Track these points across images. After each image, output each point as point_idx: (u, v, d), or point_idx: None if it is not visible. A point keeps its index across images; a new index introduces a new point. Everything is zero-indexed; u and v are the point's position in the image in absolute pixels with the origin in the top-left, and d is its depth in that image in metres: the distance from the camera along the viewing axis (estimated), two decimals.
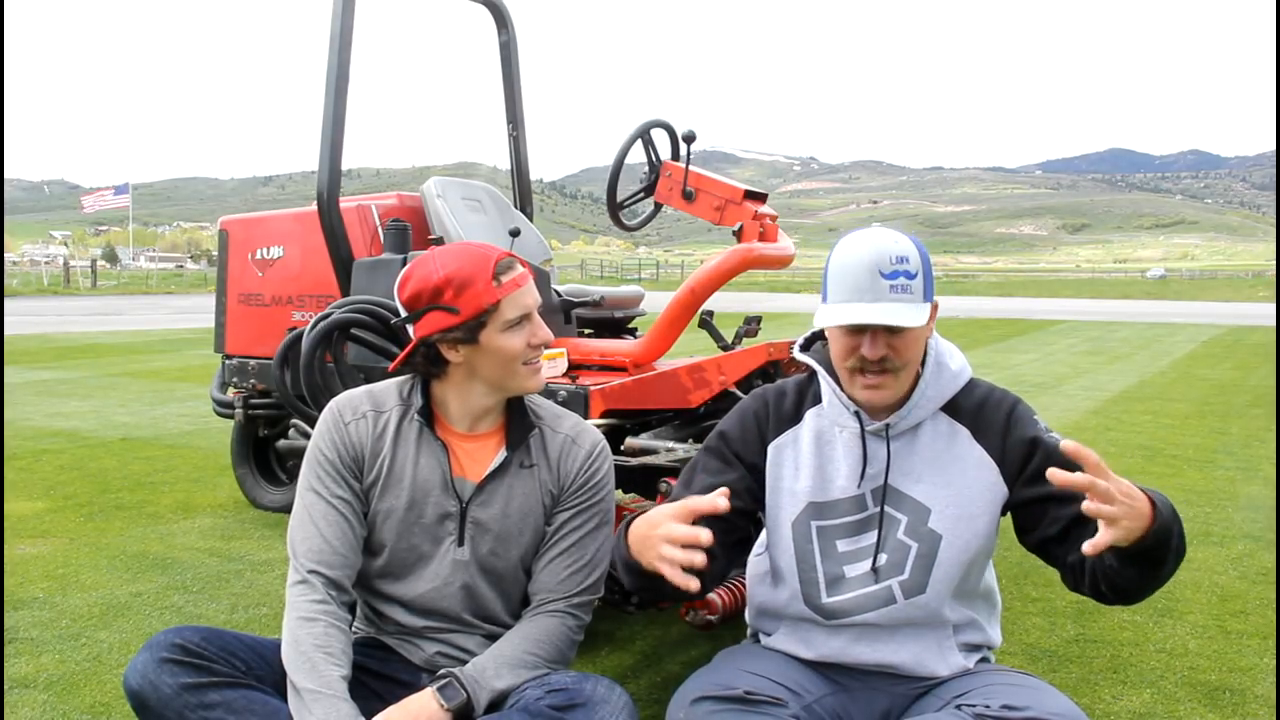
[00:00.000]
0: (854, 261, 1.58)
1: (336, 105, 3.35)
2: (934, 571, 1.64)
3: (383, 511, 1.73)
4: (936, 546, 1.64)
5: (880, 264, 1.56)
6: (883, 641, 1.68)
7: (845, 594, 1.67)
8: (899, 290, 1.56)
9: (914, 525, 1.65)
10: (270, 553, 3.84)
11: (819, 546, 1.69)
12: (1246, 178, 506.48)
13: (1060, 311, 26.89)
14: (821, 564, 1.68)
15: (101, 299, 31.09)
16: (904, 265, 1.57)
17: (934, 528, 1.64)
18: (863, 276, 1.56)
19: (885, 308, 1.55)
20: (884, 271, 1.56)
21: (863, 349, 1.59)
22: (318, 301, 3.69)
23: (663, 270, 66.03)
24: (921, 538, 1.65)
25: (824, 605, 1.68)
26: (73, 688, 2.56)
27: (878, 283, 1.56)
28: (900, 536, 1.66)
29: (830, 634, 1.70)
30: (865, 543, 1.68)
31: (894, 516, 1.67)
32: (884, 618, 1.66)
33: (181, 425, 6.99)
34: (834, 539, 1.69)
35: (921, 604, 1.65)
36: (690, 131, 3.25)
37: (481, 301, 1.65)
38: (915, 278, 1.58)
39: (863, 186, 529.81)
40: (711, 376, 2.90)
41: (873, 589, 1.66)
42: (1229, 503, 4.82)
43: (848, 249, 1.61)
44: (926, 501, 1.65)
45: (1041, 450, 1.63)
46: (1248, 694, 2.60)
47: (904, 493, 1.67)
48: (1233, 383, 10.12)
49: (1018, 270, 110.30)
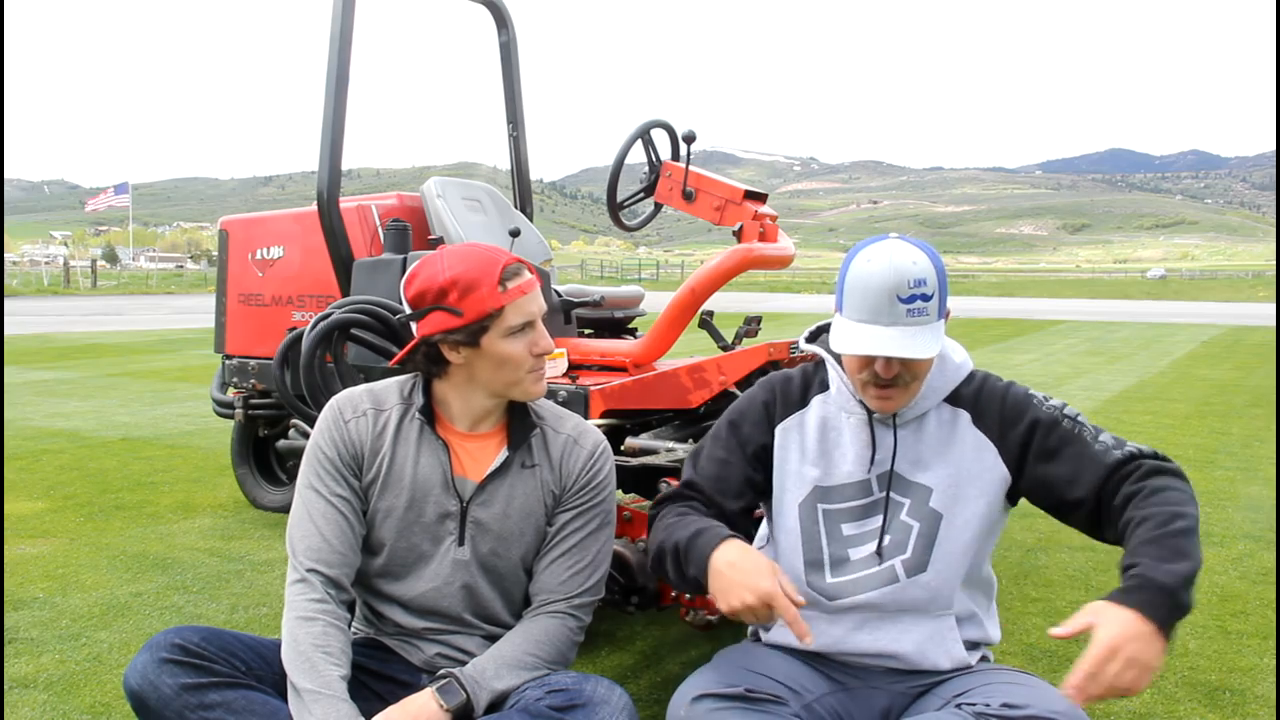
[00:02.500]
0: (872, 282, 1.58)
1: (336, 105, 3.35)
2: (935, 550, 1.67)
3: (382, 510, 1.73)
4: (937, 525, 1.67)
5: (899, 289, 1.57)
6: (884, 629, 1.69)
7: (849, 575, 1.70)
8: (916, 314, 1.58)
9: (916, 506, 1.69)
10: (270, 553, 3.84)
11: (824, 528, 1.71)
12: (1246, 178, 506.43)
13: (1060, 312, 26.89)
14: (827, 546, 1.71)
15: (101, 299, 31.10)
16: (921, 289, 1.58)
17: (934, 506, 1.68)
18: (881, 300, 1.57)
19: (902, 337, 1.57)
20: (901, 296, 1.57)
21: (877, 367, 1.62)
22: (318, 301, 3.69)
23: (663, 270, 66.04)
24: (923, 517, 1.68)
25: (827, 586, 1.70)
26: (73, 688, 2.56)
27: (895, 307, 1.57)
28: (904, 518, 1.69)
29: (831, 621, 1.71)
30: (870, 526, 1.70)
31: (898, 501, 1.70)
32: (886, 597, 1.68)
33: (181, 425, 6.99)
34: (839, 522, 1.71)
35: (924, 583, 1.67)
36: (690, 132, 3.25)
37: (485, 306, 1.65)
38: (931, 299, 1.59)
39: (863, 186, 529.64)
40: (711, 376, 2.90)
41: (876, 569, 1.69)
42: (1229, 503, 4.82)
43: (866, 267, 1.60)
44: (928, 483, 1.69)
45: (1040, 429, 1.66)
46: (1248, 694, 2.60)
47: (909, 479, 1.70)
48: (1233, 383, 10.12)
49: (1018, 270, 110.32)
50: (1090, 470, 1.61)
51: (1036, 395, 1.72)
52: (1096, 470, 1.60)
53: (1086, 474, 1.61)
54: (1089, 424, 1.67)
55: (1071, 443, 1.64)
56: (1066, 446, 1.64)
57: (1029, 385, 1.76)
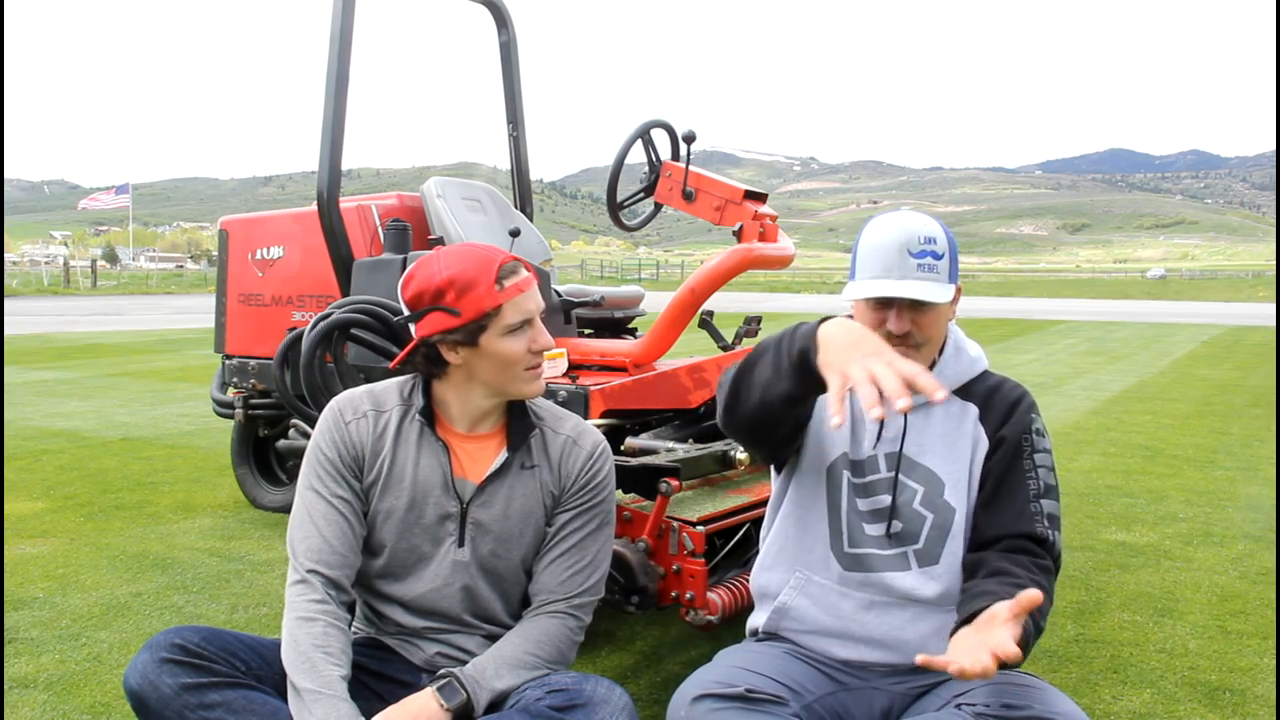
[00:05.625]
0: (883, 240, 1.63)
1: (336, 105, 3.35)
2: (948, 544, 1.68)
3: (383, 511, 1.73)
4: (951, 519, 1.68)
5: (909, 243, 1.61)
6: (892, 615, 1.70)
7: (863, 549, 1.71)
8: (926, 269, 1.61)
9: (930, 496, 1.69)
10: (270, 553, 3.84)
11: (846, 498, 1.73)
12: (1246, 178, 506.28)
13: (1060, 311, 26.90)
14: (846, 515, 1.73)
15: (101, 299, 31.10)
16: (932, 246, 1.62)
17: (949, 500, 1.69)
18: (892, 255, 1.62)
19: (912, 284, 1.60)
20: (912, 250, 1.61)
21: (888, 324, 1.63)
22: (318, 301, 3.69)
23: (663, 270, 66.02)
24: (938, 509, 1.69)
25: (847, 553, 1.72)
26: (73, 688, 2.56)
27: (906, 261, 1.61)
28: (916, 506, 1.70)
29: (843, 595, 1.72)
30: (879, 505, 1.71)
31: (908, 485, 1.70)
32: (896, 582, 1.69)
33: (181, 425, 6.99)
34: (856, 495, 1.73)
35: (934, 575, 1.68)
36: (690, 131, 3.25)
37: (483, 305, 1.65)
38: (942, 258, 1.63)
39: (863, 186, 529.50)
40: (711, 376, 2.90)
41: (889, 552, 1.70)
42: (1229, 503, 4.82)
43: (878, 229, 1.66)
44: (941, 474, 1.70)
45: (1014, 446, 1.68)
46: (1248, 694, 2.60)
47: (917, 462, 1.71)
48: (1233, 383, 10.12)
49: (1018, 270, 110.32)
50: (1008, 517, 1.64)
51: (1039, 423, 1.73)
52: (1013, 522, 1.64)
53: (1005, 517, 1.65)
54: (1047, 482, 1.68)
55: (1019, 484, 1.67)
56: (1012, 477, 1.67)
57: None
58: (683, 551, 2.31)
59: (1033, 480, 1.67)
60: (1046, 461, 1.70)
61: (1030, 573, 1.58)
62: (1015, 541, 1.63)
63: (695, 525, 2.33)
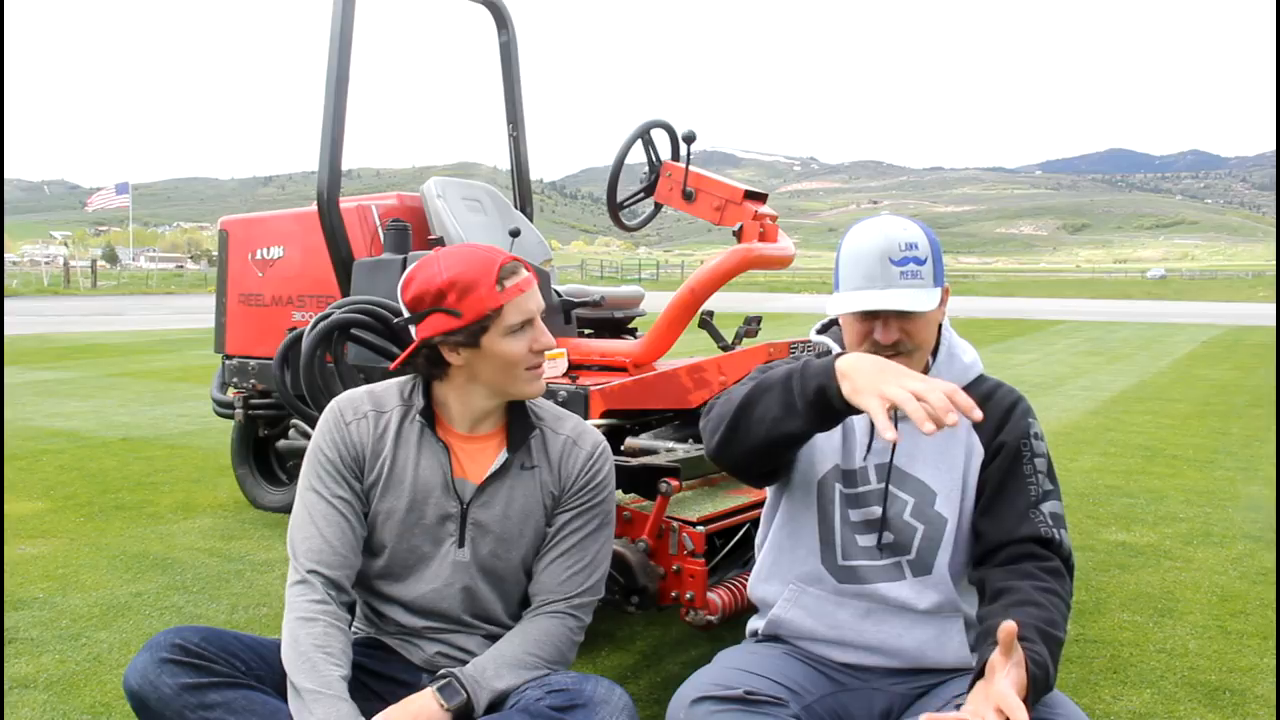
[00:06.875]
0: (864, 249, 1.62)
1: (336, 105, 3.35)
2: (939, 554, 1.68)
3: (383, 512, 1.73)
4: (942, 530, 1.67)
5: (890, 251, 1.60)
6: (889, 623, 1.69)
7: (856, 560, 1.71)
8: (909, 276, 1.59)
9: (920, 507, 1.68)
10: (270, 553, 3.84)
11: (839, 510, 1.72)
12: (1246, 178, 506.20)
13: (1060, 312, 26.90)
14: (839, 527, 1.72)
15: (101, 299, 31.10)
16: (913, 252, 1.60)
17: (941, 511, 1.68)
18: (874, 264, 1.60)
19: (896, 294, 1.59)
20: (894, 259, 1.59)
21: (876, 334, 1.62)
22: (318, 301, 3.69)
23: (663, 270, 66.01)
24: (929, 520, 1.68)
25: (840, 565, 1.71)
26: (73, 688, 2.56)
27: (888, 270, 1.59)
28: (907, 518, 1.69)
29: (839, 604, 1.71)
30: (870, 516, 1.71)
31: (899, 496, 1.69)
32: (893, 592, 1.68)
33: (181, 425, 6.99)
34: (848, 506, 1.72)
35: (930, 583, 1.68)
36: (690, 132, 3.25)
37: (484, 306, 1.65)
38: (925, 263, 1.61)
39: (863, 187, 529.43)
40: (711, 376, 2.90)
41: (881, 562, 1.69)
42: (1229, 503, 4.82)
43: (858, 238, 1.65)
44: (932, 485, 1.69)
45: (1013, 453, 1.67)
46: (1248, 694, 2.60)
47: (908, 473, 1.70)
48: (1233, 383, 10.12)
49: (1018, 270, 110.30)
50: (1011, 522, 1.63)
51: (1036, 427, 1.72)
52: (1016, 527, 1.62)
53: (1007, 522, 1.63)
54: (1046, 486, 1.67)
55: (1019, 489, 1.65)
56: (1012, 483, 1.66)
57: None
58: (683, 552, 2.31)
59: (1033, 484, 1.66)
60: (1045, 465, 1.69)
61: (1035, 580, 1.56)
62: (1019, 547, 1.61)
63: (695, 525, 2.33)
